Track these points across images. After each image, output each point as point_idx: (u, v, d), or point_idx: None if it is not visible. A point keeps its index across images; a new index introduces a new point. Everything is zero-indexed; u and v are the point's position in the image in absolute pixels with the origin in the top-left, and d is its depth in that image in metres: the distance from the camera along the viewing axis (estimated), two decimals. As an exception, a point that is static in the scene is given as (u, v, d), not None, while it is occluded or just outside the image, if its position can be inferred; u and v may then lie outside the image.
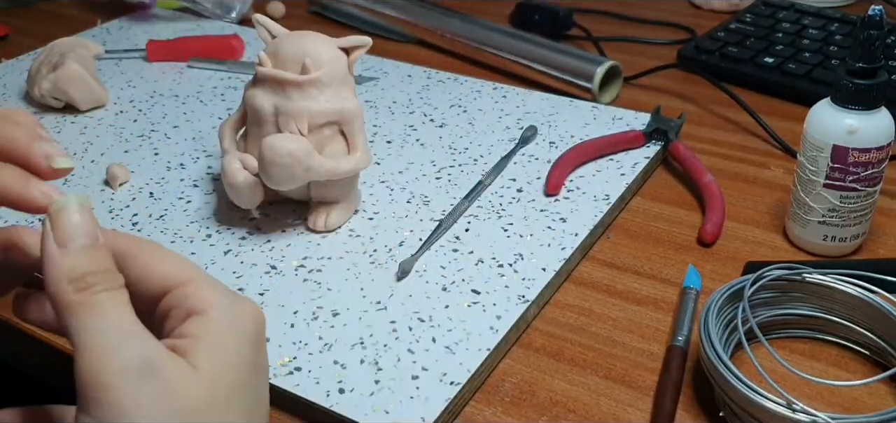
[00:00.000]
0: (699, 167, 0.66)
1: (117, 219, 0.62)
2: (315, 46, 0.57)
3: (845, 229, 0.57)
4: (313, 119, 0.56)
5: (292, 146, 0.55)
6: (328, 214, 0.60)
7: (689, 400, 0.47)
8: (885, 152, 0.54)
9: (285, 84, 0.57)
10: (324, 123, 0.57)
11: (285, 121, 0.57)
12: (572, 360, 0.50)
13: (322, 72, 0.57)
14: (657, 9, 1.05)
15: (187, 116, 0.78)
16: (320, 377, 0.48)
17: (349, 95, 0.58)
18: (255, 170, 0.58)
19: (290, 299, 0.54)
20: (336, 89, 0.57)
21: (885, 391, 0.48)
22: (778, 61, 0.82)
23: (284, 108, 0.57)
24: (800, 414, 0.41)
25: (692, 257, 0.59)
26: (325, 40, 0.58)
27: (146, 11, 1.04)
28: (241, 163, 0.58)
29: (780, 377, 0.44)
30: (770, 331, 0.51)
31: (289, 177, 0.56)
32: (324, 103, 0.57)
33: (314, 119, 0.56)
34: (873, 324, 0.48)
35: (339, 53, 0.58)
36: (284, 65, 0.57)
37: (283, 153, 0.55)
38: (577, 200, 0.63)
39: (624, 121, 0.74)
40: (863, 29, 0.52)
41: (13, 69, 0.89)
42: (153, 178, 0.68)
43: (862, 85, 0.53)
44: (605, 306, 0.55)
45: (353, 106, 0.58)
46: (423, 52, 0.95)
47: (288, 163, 0.55)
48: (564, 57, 0.83)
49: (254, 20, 0.60)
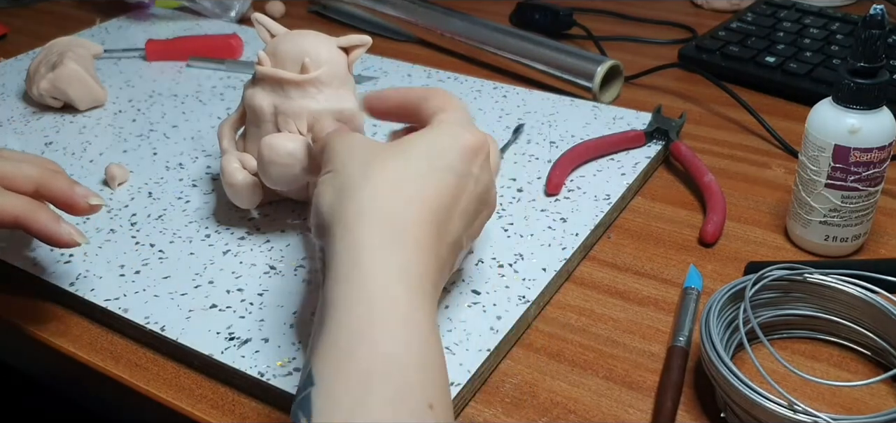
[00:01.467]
0: (700, 167, 0.66)
1: (116, 218, 0.62)
2: (314, 46, 0.57)
3: (846, 229, 0.56)
4: (313, 118, 0.56)
5: (291, 146, 0.55)
6: None
7: (690, 401, 0.47)
8: (886, 152, 0.54)
9: (284, 83, 0.57)
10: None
11: (284, 120, 0.57)
12: (573, 360, 0.50)
13: (321, 71, 0.57)
14: (658, 8, 1.05)
15: (186, 115, 0.78)
16: (320, 377, 0.47)
17: (349, 94, 0.58)
18: (255, 170, 0.58)
19: (290, 300, 0.54)
20: (335, 89, 0.57)
21: (887, 391, 0.47)
22: (779, 61, 0.82)
23: (284, 107, 0.57)
24: (801, 415, 0.40)
25: (693, 257, 0.59)
26: (324, 39, 0.58)
27: (145, 11, 1.04)
28: (241, 163, 0.59)
29: (782, 377, 0.44)
30: (771, 331, 0.50)
31: (288, 177, 0.56)
32: (323, 103, 0.57)
33: (314, 118, 0.56)
34: (875, 324, 0.48)
35: (339, 53, 0.58)
36: (284, 64, 0.57)
37: (282, 153, 0.55)
38: (578, 200, 0.63)
39: (625, 120, 0.74)
40: (864, 28, 0.52)
41: (12, 69, 0.89)
42: (152, 177, 0.68)
43: (863, 85, 0.53)
44: (605, 307, 0.54)
45: (353, 105, 0.58)
46: (423, 51, 0.95)
47: (287, 163, 0.55)
48: (565, 56, 0.83)
49: (253, 19, 0.60)
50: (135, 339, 0.53)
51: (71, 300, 0.55)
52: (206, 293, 0.54)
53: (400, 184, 0.42)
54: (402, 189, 0.42)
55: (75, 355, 0.52)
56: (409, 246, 0.40)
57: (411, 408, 0.35)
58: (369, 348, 0.36)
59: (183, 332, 0.51)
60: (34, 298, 0.57)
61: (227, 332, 0.51)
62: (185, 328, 0.51)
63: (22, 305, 0.56)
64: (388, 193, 0.42)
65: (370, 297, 0.38)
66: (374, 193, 0.42)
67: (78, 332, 0.54)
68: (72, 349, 0.52)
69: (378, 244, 0.39)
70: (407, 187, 0.42)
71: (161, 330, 0.51)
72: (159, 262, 0.57)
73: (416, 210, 0.42)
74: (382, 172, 0.43)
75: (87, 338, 0.53)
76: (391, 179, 0.42)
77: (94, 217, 0.62)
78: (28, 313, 0.56)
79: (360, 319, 0.37)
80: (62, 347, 0.53)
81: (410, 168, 0.43)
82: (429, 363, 0.37)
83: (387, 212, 0.41)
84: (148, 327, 0.51)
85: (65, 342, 0.53)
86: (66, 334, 0.54)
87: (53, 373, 0.57)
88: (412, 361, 0.36)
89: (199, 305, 0.53)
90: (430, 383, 0.36)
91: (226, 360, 0.49)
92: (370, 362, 0.35)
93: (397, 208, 0.41)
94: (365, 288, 0.38)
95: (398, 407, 0.34)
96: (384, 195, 0.42)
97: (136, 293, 0.54)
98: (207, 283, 0.55)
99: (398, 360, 0.36)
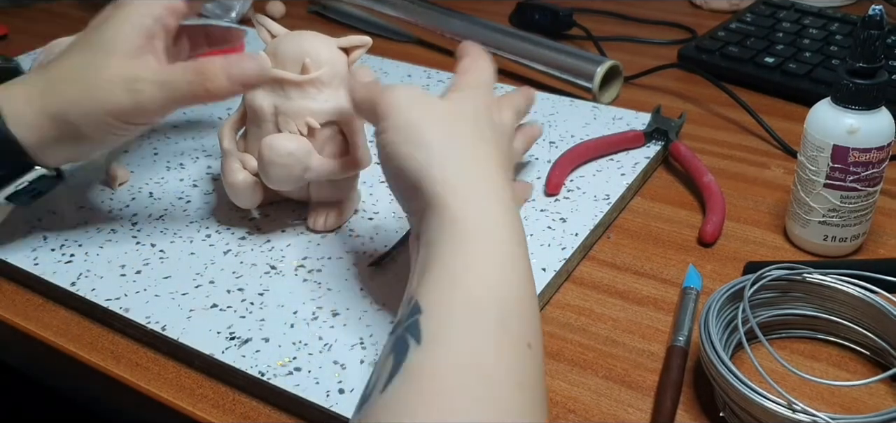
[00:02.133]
0: (699, 167, 0.66)
1: (117, 219, 0.62)
2: (314, 46, 0.57)
3: (845, 229, 0.57)
4: (313, 118, 0.56)
5: (292, 146, 0.55)
6: (328, 214, 0.60)
7: (689, 400, 0.47)
8: (885, 152, 0.54)
9: (285, 84, 0.57)
10: (324, 123, 0.57)
11: (285, 121, 0.57)
12: (572, 360, 0.50)
13: (322, 72, 0.57)
14: (657, 8, 1.05)
15: (187, 115, 0.78)
16: (320, 377, 0.48)
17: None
18: (255, 170, 0.58)
19: (290, 299, 0.54)
20: (336, 89, 0.57)
21: (886, 391, 0.48)
22: (778, 61, 0.82)
23: (284, 108, 0.57)
24: (800, 414, 0.41)
25: (692, 257, 0.59)
26: (324, 40, 0.58)
27: (146, 11, 1.04)
28: (241, 163, 0.59)
29: (781, 377, 0.44)
30: (770, 331, 0.51)
31: (288, 177, 0.56)
32: (323, 103, 0.57)
33: (314, 119, 0.56)
34: (873, 324, 0.48)
35: (339, 53, 0.58)
36: (284, 65, 0.57)
37: (282, 153, 0.55)
38: (578, 200, 0.63)
39: (624, 121, 0.74)
40: (863, 29, 0.52)
41: (13, 69, 0.89)
42: (153, 177, 0.68)
43: (862, 85, 0.53)
44: (605, 307, 0.55)
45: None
46: (423, 51, 0.95)
47: (287, 163, 0.55)
48: (564, 57, 0.83)
49: (253, 20, 0.60)
50: (136, 339, 0.53)
51: (72, 300, 0.55)
52: (206, 293, 0.54)
53: (463, 139, 0.46)
54: (469, 144, 0.46)
55: (76, 354, 0.52)
56: (498, 182, 0.45)
57: (513, 341, 0.37)
58: (476, 279, 0.39)
59: (184, 332, 0.51)
60: (35, 297, 0.57)
61: (228, 331, 0.51)
62: (185, 328, 0.51)
63: (22, 304, 0.56)
64: (458, 146, 0.45)
65: (475, 235, 0.41)
66: (446, 147, 0.45)
67: (78, 331, 0.54)
68: (73, 349, 0.53)
69: (472, 191, 0.43)
70: (470, 139, 0.47)
71: (162, 330, 0.51)
72: (160, 262, 0.58)
73: (490, 152, 0.47)
74: (440, 128, 0.46)
75: (88, 338, 0.53)
76: (451, 134, 0.46)
77: (94, 217, 0.62)
78: (28, 313, 0.56)
79: (466, 255, 0.40)
80: (63, 346, 0.53)
81: (466, 126, 0.47)
82: (527, 301, 0.40)
83: (466, 159, 0.45)
84: (149, 327, 0.52)
85: (66, 342, 0.53)
86: (67, 334, 0.54)
87: (54, 373, 0.57)
88: (513, 295, 0.39)
89: (200, 304, 0.53)
90: (529, 322, 0.39)
91: (226, 359, 0.49)
92: (478, 291, 0.38)
93: (475, 156, 0.45)
94: (468, 229, 0.41)
95: (501, 338, 0.37)
96: (458, 148, 0.45)
97: (136, 293, 0.55)
98: (208, 283, 0.55)
99: (501, 293, 0.39)
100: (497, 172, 0.45)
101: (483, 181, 0.44)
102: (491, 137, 0.48)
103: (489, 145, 0.47)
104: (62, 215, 0.63)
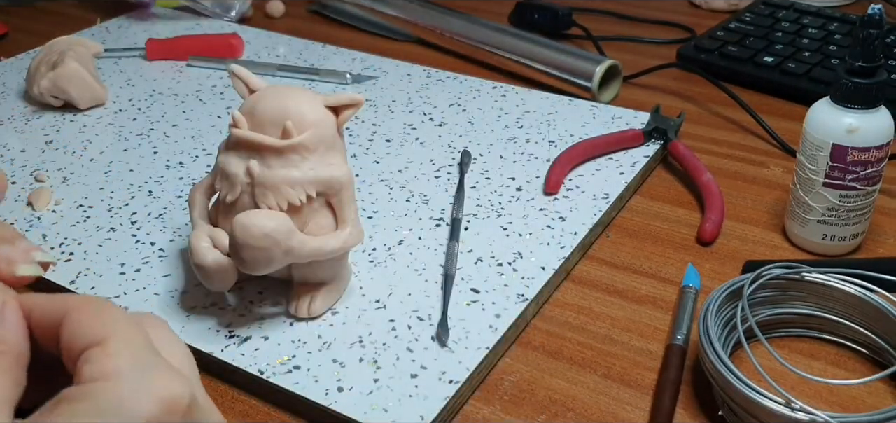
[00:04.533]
0: (698, 166, 0.66)
1: (116, 217, 0.62)
2: (298, 106, 0.49)
3: (844, 228, 0.57)
4: (295, 191, 0.49)
5: (270, 225, 0.47)
6: (312, 298, 0.51)
7: (688, 399, 0.47)
8: (884, 151, 0.54)
9: (263, 149, 0.49)
10: (308, 197, 0.49)
11: (262, 193, 0.48)
12: (571, 359, 0.50)
13: (305, 136, 0.49)
14: (657, 8, 1.05)
15: (187, 114, 0.78)
16: (319, 375, 0.48)
17: (338, 160, 0.50)
18: (227, 249, 0.49)
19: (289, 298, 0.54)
20: (322, 155, 0.49)
21: (884, 389, 0.48)
22: (777, 61, 0.82)
23: (261, 177, 0.48)
24: (799, 413, 0.41)
25: (691, 256, 0.59)
26: (309, 98, 0.50)
27: (146, 10, 1.04)
28: (211, 240, 0.50)
29: (780, 375, 0.44)
30: (769, 330, 0.51)
31: (265, 261, 0.47)
32: (307, 172, 0.49)
33: (296, 191, 0.49)
34: (872, 323, 0.48)
35: (327, 113, 0.50)
36: (262, 126, 0.49)
37: (257, 235, 0.46)
38: (577, 199, 0.63)
39: (623, 120, 0.74)
40: (862, 28, 0.52)
41: (12, 68, 0.89)
42: (152, 176, 0.68)
43: (861, 84, 0.53)
44: (604, 305, 0.55)
45: (342, 174, 0.50)
46: (423, 51, 0.95)
47: (264, 246, 0.47)
48: (564, 56, 0.83)
49: (229, 71, 0.52)
50: (135, 337, 0.53)
51: (71, 298, 0.55)
52: (206, 291, 0.54)
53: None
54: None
55: (76, 353, 0.52)
56: None
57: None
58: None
59: (183, 330, 0.51)
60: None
61: (227, 330, 0.51)
62: (185, 326, 0.51)
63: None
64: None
65: None
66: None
67: (78, 330, 0.54)
68: (72, 347, 0.53)
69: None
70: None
71: (161, 328, 0.51)
72: (159, 260, 0.58)
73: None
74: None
75: (88, 336, 0.53)
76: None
77: (94, 216, 0.62)
78: (28, 312, 0.56)
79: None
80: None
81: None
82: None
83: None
84: (148, 325, 0.52)
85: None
86: (67, 332, 0.54)
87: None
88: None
89: (200, 303, 0.53)
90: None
91: (226, 357, 0.49)
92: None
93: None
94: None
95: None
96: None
97: (136, 292, 0.55)
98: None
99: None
100: None
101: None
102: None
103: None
104: (61, 213, 0.63)
